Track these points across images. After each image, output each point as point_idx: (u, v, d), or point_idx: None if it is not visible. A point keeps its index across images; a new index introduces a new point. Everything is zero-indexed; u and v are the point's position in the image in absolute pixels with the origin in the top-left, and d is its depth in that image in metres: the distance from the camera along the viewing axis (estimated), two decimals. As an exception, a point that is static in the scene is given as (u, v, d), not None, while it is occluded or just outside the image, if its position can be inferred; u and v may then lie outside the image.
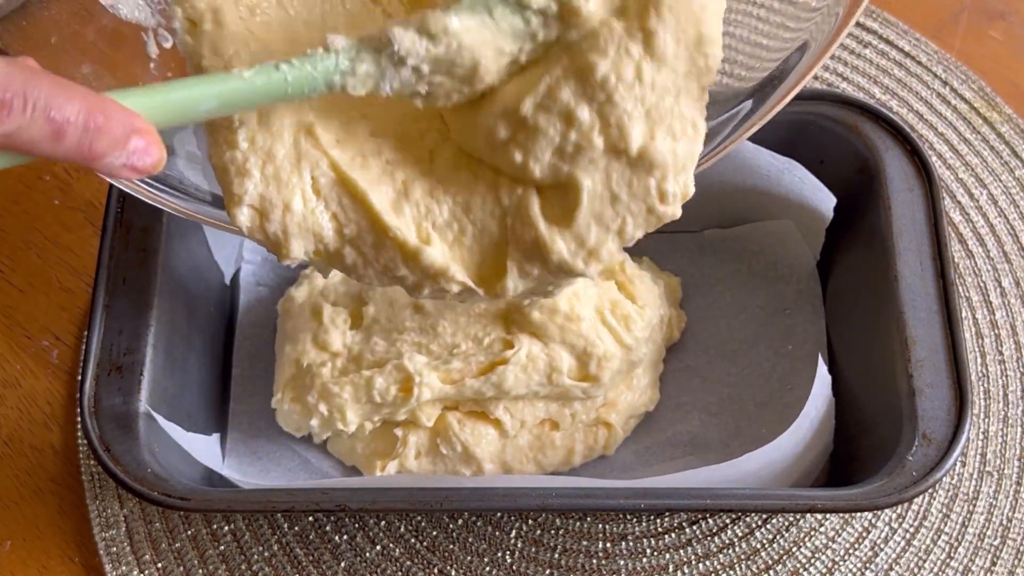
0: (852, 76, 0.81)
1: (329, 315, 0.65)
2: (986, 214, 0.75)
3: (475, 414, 0.65)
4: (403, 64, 0.41)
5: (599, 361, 0.64)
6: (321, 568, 0.64)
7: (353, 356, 0.64)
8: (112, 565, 0.64)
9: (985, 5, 0.83)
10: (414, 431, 0.64)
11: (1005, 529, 0.65)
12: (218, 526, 0.65)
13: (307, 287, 0.68)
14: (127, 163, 0.38)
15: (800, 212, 0.69)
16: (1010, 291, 0.72)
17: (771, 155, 0.66)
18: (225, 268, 0.70)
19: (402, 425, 0.64)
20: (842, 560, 0.64)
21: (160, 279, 0.61)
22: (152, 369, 0.59)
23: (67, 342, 0.71)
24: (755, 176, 0.68)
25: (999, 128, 0.78)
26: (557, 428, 0.66)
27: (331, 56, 0.40)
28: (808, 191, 0.67)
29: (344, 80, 0.41)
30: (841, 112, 0.65)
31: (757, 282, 0.71)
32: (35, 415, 0.69)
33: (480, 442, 0.64)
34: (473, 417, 0.65)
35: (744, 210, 0.71)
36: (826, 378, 0.61)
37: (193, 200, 0.53)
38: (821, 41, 0.49)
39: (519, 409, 0.65)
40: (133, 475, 0.56)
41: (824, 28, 0.49)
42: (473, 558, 0.64)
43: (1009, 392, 0.68)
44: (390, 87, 0.42)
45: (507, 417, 0.64)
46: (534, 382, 0.64)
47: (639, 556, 0.64)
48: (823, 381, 0.61)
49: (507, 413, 0.65)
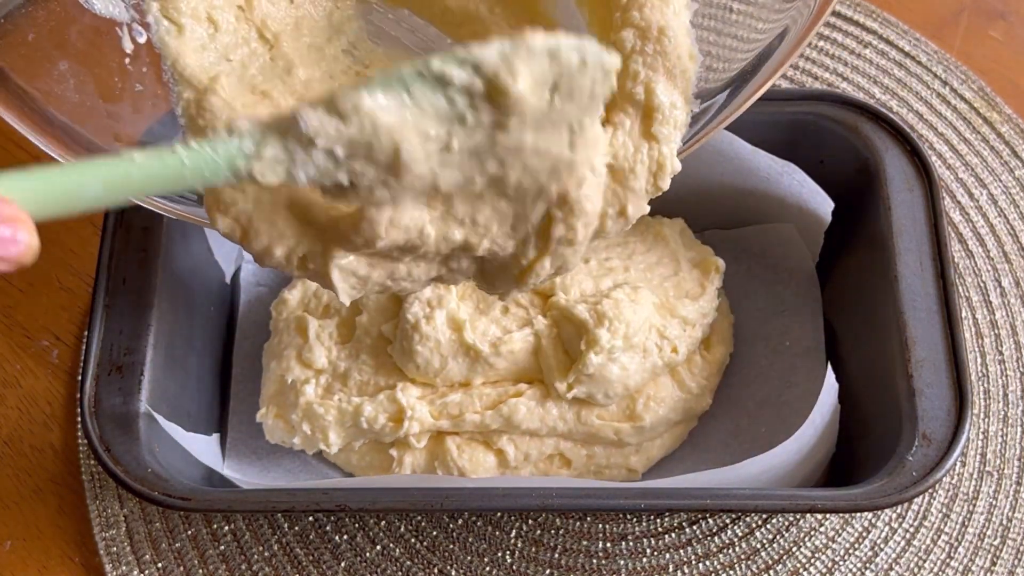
0: (852, 76, 0.81)
1: (315, 331, 0.64)
2: (986, 214, 0.75)
3: (476, 440, 0.64)
4: (312, 146, 0.37)
5: (647, 400, 0.63)
6: (321, 568, 0.64)
7: (339, 374, 0.64)
8: (112, 565, 0.64)
9: (985, 5, 0.83)
10: (408, 451, 0.63)
11: (1005, 529, 0.65)
12: (218, 526, 0.65)
13: (300, 289, 0.68)
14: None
15: (799, 215, 0.69)
16: (1010, 291, 0.72)
17: (770, 158, 0.66)
18: (225, 267, 0.70)
19: (396, 445, 0.64)
20: (842, 560, 0.64)
21: (160, 279, 0.61)
22: (152, 369, 0.59)
23: (67, 342, 0.71)
24: (754, 178, 0.68)
25: (999, 128, 0.78)
26: (568, 466, 0.64)
27: (234, 139, 0.37)
28: (807, 194, 0.67)
29: (250, 165, 0.37)
30: (841, 112, 0.65)
31: (756, 283, 0.72)
32: (35, 415, 0.69)
33: (478, 470, 0.63)
34: (473, 443, 0.64)
35: (744, 212, 0.71)
36: (833, 386, 0.60)
37: (190, 203, 0.53)
38: (798, 28, 0.49)
39: (526, 442, 0.64)
40: (133, 475, 0.56)
41: (801, 16, 0.49)
42: (473, 558, 0.64)
43: (1009, 392, 0.68)
44: (304, 174, 0.38)
45: (511, 448, 0.63)
46: (552, 417, 0.63)
47: (639, 556, 0.64)
48: (830, 389, 0.60)
49: (511, 444, 0.63)
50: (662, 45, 0.46)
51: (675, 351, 0.64)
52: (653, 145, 0.46)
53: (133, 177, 0.36)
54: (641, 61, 0.46)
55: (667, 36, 0.46)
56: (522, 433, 0.63)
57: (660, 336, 0.63)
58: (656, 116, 0.46)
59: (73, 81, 0.50)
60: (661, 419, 0.64)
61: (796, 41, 0.49)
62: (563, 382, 0.62)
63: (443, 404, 0.62)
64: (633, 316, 0.62)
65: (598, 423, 0.63)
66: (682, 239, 0.69)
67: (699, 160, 0.57)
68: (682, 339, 0.64)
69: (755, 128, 0.65)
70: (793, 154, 0.66)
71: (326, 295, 0.67)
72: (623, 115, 0.46)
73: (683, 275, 0.67)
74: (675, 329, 0.64)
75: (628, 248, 0.68)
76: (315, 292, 0.67)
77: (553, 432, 0.63)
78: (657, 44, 0.46)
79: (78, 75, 0.50)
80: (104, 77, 0.51)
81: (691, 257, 0.69)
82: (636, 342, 0.62)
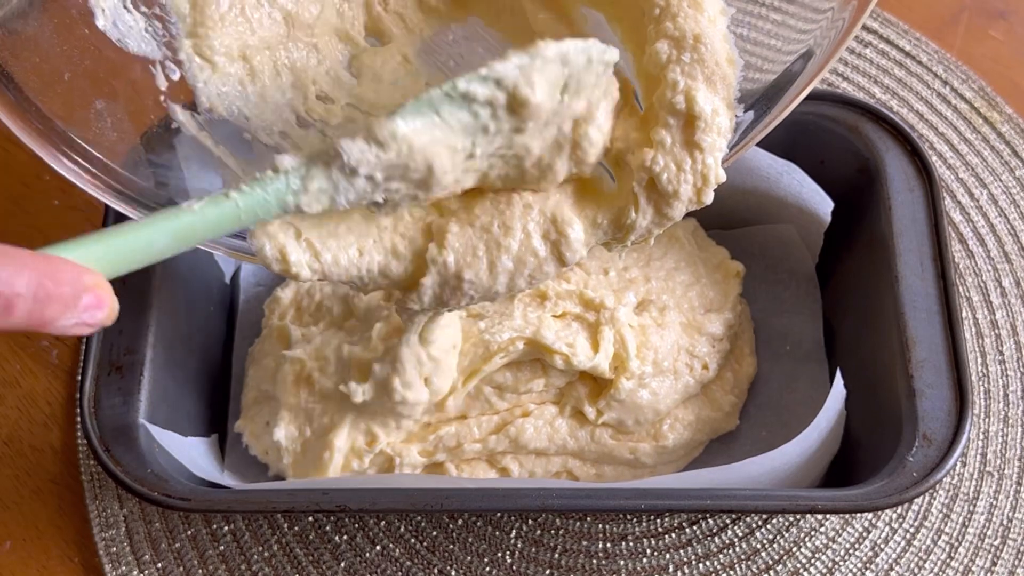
0: (852, 76, 0.80)
1: (296, 340, 0.64)
2: (986, 214, 0.75)
3: (478, 459, 0.63)
4: (355, 175, 0.40)
5: (674, 420, 0.62)
6: (321, 568, 0.64)
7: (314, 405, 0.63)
8: (112, 565, 0.64)
9: (985, 5, 0.83)
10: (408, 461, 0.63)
11: (1005, 529, 0.65)
12: (218, 526, 0.65)
13: (293, 287, 0.68)
14: (79, 322, 0.36)
15: (799, 215, 0.69)
16: (1010, 291, 0.72)
17: (770, 157, 0.66)
18: (225, 267, 0.70)
19: None
20: (842, 560, 0.64)
21: (160, 279, 0.61)
22: (152, 369, 0.59)
23: (67, 342, 0.71)
24: (755, 177, 0.68)
25: (999, 128, 0.78)
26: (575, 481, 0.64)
27: (281, 177, 0.40)
28: (807, 194, 0.67)
29: (298, 199, 0.40)
30: (841, 112, 0.65)
31: (756, 284, 0.71)
32: (35, 415, 0.69)
33: None
34: (475, 462, 0.63)
35: (743, 212, 0.71)
36: (841, 393, 0.60)
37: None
38: (827, 46, 0.49)
39: (531, 460, 0.63)
40: (133, 475, 0.56)
41: (830, 33, 0.49)
42: (473, 558, 0.64)
43: (1009, 392, 0.68)
44: (345, 199, 0.41)
45: (515, 467, 0.63)
46: (561, 435, 0.62)
47: (639, 556, 0.64)
48: (838, 396, 0.60)
49: (516, 462, 0.63)
50: (699, 53, 0.45)
51: (706, 368, 0.64)
52: (697, 156, 0.46)
53: (196, 227, 0.39)
54: (679, 71, 0.45)
55: (703, 43, 0.45)
56: (528, 452, 0.63)
57: (690, 355, 0.63)
58: (699, 124, 0.45)
59: (85, 93, 0.50)
60: (686, 441, 0.63)
61: (839, 40, 0.48)
62: (593, 407, 0.62)
63: (437, 438, 0.62)
64: (661, 342, 0.62)
65: (612, 443, 0.62)
66: (695, 239, 0.69)
67: None
68: (712, 355, 0.64)
69: (755, 128, 0.65)
70: (793, 154, 0.66)
71: (319, 294, 0.67)
72: (663, 131, 0.45)
73: (704, 282, 0.67)
74: (704, 346, 0.64)
75: (644, 253, 0.67)
76: (307, 291, 0.67)
77: (563, 450, 0.63)
78: (694, 52, 0.45)
79: (89, 78, 0.51)
80: (119, 86, 0.51)
81: (706, 259, 0.68)
82: (666, 366, 0.62)
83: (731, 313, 0.66)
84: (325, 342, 0.63)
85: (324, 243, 0.46)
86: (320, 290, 0.67)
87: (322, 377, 0.62)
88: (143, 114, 0.51)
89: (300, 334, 0.65)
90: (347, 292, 0.66)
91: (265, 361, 0.65)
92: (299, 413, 0.62)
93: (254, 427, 0.64)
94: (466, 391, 0.61)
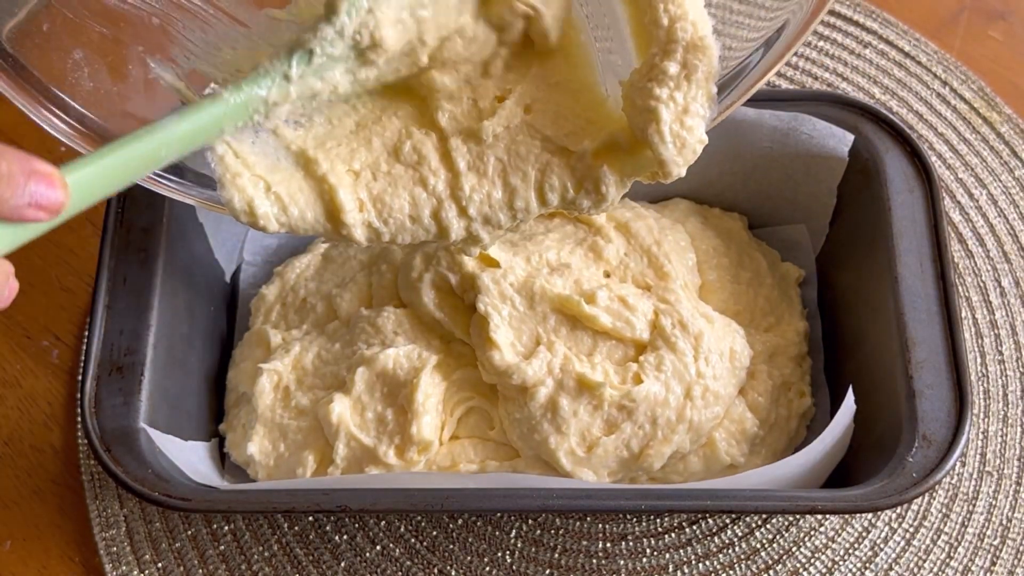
0: (852, 76, 0.81)
1: (276, 345, 0.64)
2: (986, 214, 0.75)
3: None
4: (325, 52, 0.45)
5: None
6: (321, 568, 0.64)
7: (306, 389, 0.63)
8: (112, 565, 0.64)
9: (985, 5, 0.83)
10: None
11: (1005, 529, 0.65)
12: (218, 526, 0.65)
13: (278, 283, 0.68)
14: (32, 202, 0.38)
15: (813, 166, 0.66)
16: (1010, 291, 0.72)
17: (775, 115, 0.65)
18: (225, 267, 0.70)
19: None
20: (842, 560, 0.64)
21: (160, 279, 0.61)
22: (152, 369, 0.59)
23: (67, 342, 0.71)
24: (763, 137, 0.66)
25: (999, 128, 0.78)
26: None
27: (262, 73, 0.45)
28: (819, 139, 0.65)
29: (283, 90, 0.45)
30: (841, 113, 0.65)
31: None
32: (35, 415, 0.69)
33: None
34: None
35: (760, 177, 0.69)
36: (851, 408, 0.59)
37: (192, 185, 0.54)
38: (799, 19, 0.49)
39: None
40: (133, 475, 0.56)
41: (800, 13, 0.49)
42: (473, 558, 0.64)
43: (1009, 392, 0.68)
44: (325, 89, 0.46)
45: None
46: None
47: (639, 556, 0.64)
48: (847, 411, 0.59)
49: None
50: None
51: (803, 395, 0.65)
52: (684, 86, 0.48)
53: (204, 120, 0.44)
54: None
55: None
56: None
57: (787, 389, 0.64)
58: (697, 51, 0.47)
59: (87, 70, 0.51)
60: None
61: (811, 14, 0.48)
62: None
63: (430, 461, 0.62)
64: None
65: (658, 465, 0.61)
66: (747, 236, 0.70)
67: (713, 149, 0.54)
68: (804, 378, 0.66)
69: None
70: (793, 154, 0.66)
71: (303, 290, 0.67)
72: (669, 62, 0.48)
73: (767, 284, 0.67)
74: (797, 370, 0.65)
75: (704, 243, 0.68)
76: (292, 287, 0.67)
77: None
78: None
79: (92, 63, 0.51)
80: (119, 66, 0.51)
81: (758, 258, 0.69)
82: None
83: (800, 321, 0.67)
84: (304, 349, 0.63)
85: (292, 198, 0.48)
86: (304, 286, 0.67)
87: (298, 391, 0.62)
88: (122, 66, 0.52)
89: (280, 338, 0.65)
90: (330, 291, 0.66)
91: (244, 364, 0.66)
92: (273, 428, 0.62)
93: (234, 435, 0.64)
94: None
